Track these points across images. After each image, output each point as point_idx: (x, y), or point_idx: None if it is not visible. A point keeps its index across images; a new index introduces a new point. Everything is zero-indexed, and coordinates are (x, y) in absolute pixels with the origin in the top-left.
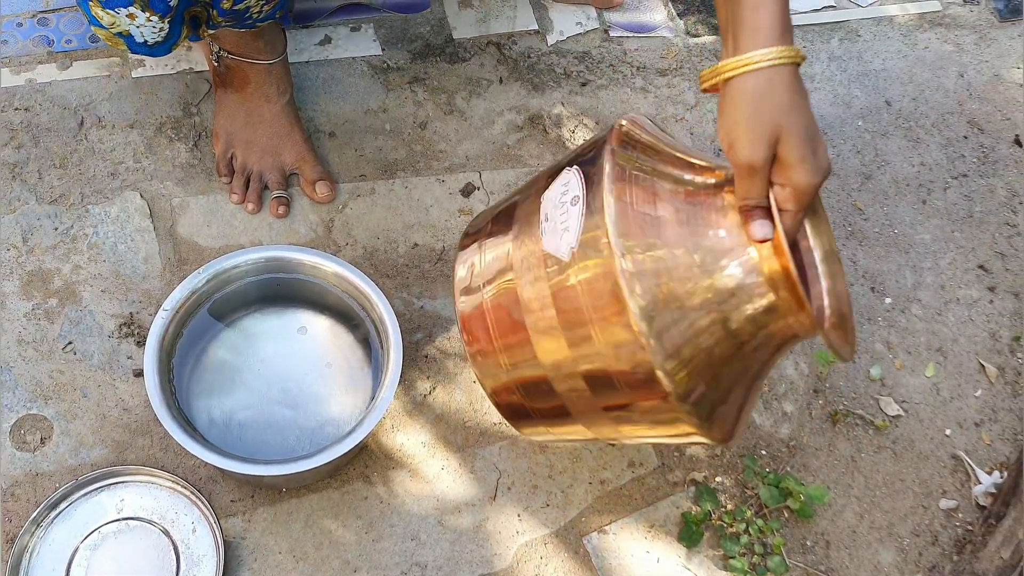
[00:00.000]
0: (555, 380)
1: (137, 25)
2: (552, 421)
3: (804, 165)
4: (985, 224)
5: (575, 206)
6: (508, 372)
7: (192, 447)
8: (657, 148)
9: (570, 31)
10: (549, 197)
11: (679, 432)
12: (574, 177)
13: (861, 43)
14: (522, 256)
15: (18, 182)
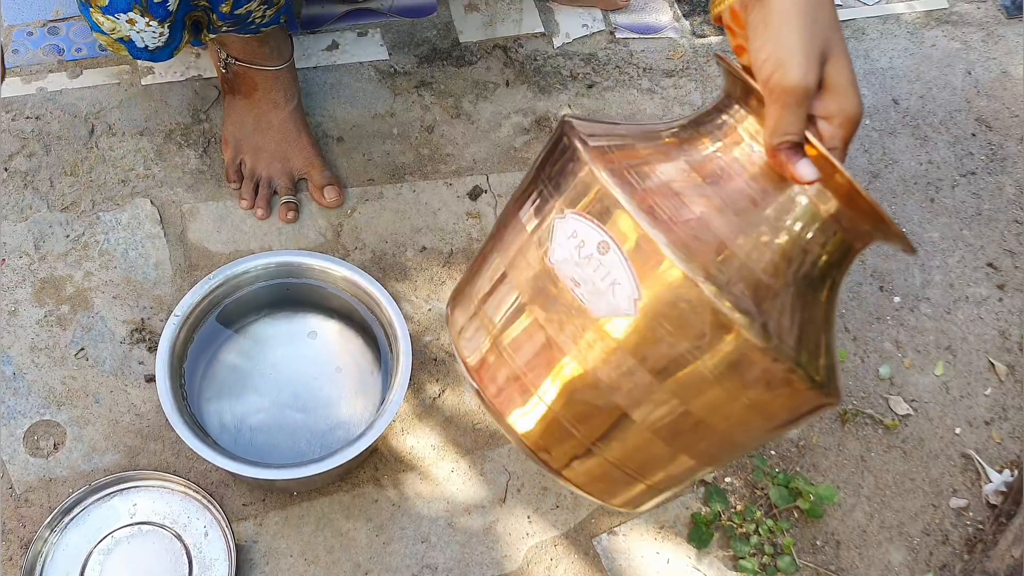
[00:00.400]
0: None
1: (138, 31)
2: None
3: (855, 89)
4: (994, 222)
5: (607, 254)
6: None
7: (204, 451)
8: (628, 141)
9: (576, 33)
10: (561, 260)
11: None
12: (579, 226)
13: (868, 41)
14: (572, 336)
15: (30, 190)
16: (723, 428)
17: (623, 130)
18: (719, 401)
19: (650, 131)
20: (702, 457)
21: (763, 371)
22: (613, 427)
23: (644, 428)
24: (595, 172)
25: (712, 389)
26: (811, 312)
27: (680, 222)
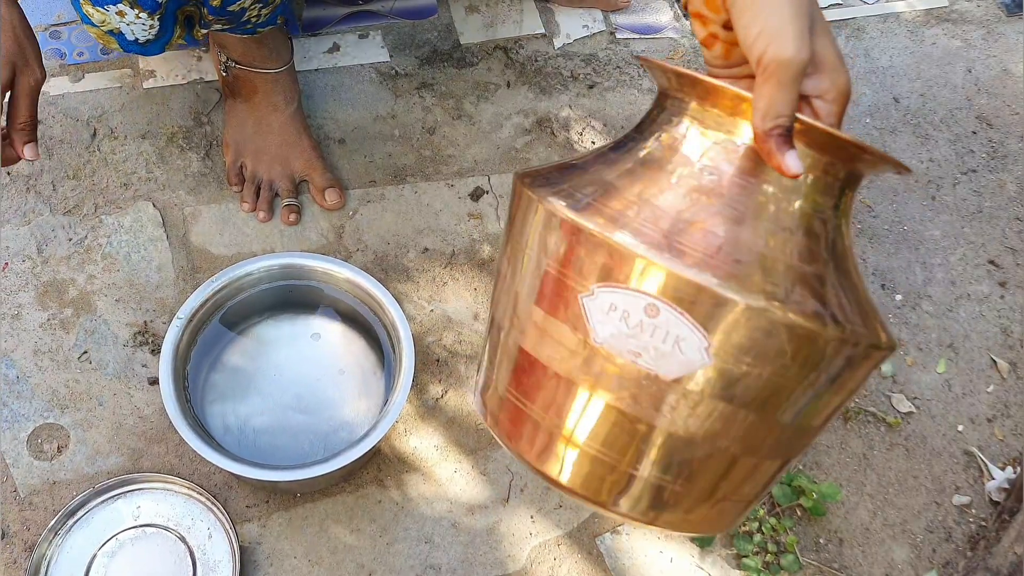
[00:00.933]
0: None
1: (127, 23)
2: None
3: (843, 63)
4: (995, 219)
5: (658, 316)
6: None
7: (207, 453)
8: (603, 185)
9: (577, 34)
10: (610, 336)
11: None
12: (611, 297)
13: (868, 40)
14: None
15: (32, 194)
16: (817, 425)
17: (584, 172)
18: (814, 404)
19: (613, 162)
20: (793, 455)
21: (847, 359)
22: (725, 470)
23: (748, 458)
24: (604, 236)
25: (806, 397)
26: (850, 277)
27: (713, 251)
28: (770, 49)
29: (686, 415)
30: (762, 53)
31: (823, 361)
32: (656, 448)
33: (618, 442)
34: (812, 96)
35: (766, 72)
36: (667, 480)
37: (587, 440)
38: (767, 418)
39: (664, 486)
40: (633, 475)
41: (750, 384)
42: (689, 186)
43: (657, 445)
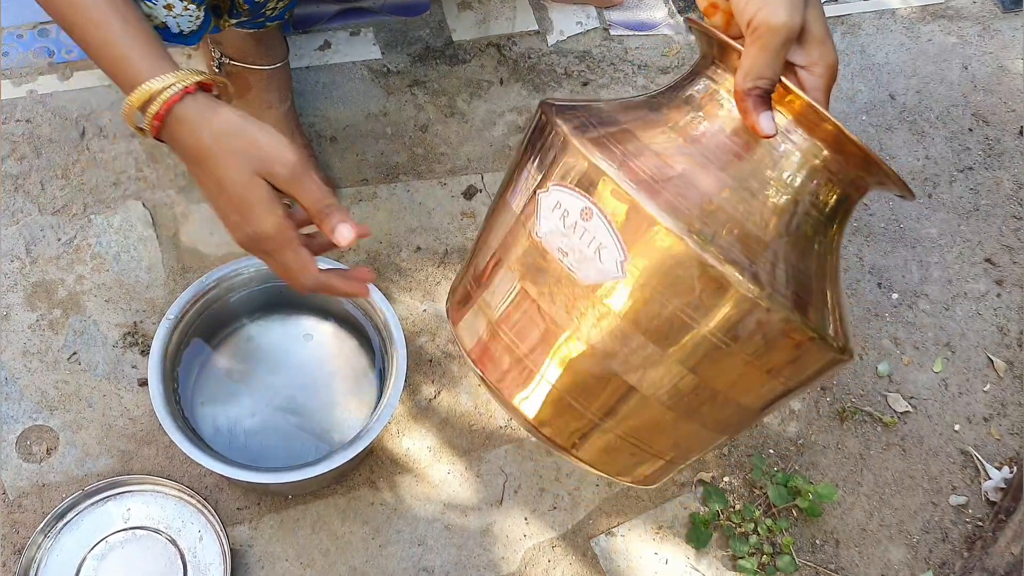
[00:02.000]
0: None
1: (175, 15)
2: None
3: (831, 39)
4: (992, 217)
5: (590, 220)
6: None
7: (197, 456)
8: (606, 113)
9: (570, 31)
10: (549, 232)
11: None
12: (562, 196)
13: (864, 37)
14: (564, 307)
15: (21, 193)
16: (728, 390)
17: (602, 105)
18: (719, 361)
19: (629, 102)
20: (713, 424)
21: (758, 323)
22: (617, 399)
23: (647, 396)
24: (573, 141)
25: (710, 348)
26: (809, 263)
27: (662, 180)
28: (760, 13)
29: (590, 325)
30: (753, 16)
31: (732, 316)
32: (561, 353)
33: (531, 337)
34: (799, 66)
35: (755, 34)
36: (567, 390)
37: (505, 328)
38: (667, 358)
39: (564, 396)
40: (541, 377)
41: (655, 312)
42: (677, 131)
43: (562, 350)
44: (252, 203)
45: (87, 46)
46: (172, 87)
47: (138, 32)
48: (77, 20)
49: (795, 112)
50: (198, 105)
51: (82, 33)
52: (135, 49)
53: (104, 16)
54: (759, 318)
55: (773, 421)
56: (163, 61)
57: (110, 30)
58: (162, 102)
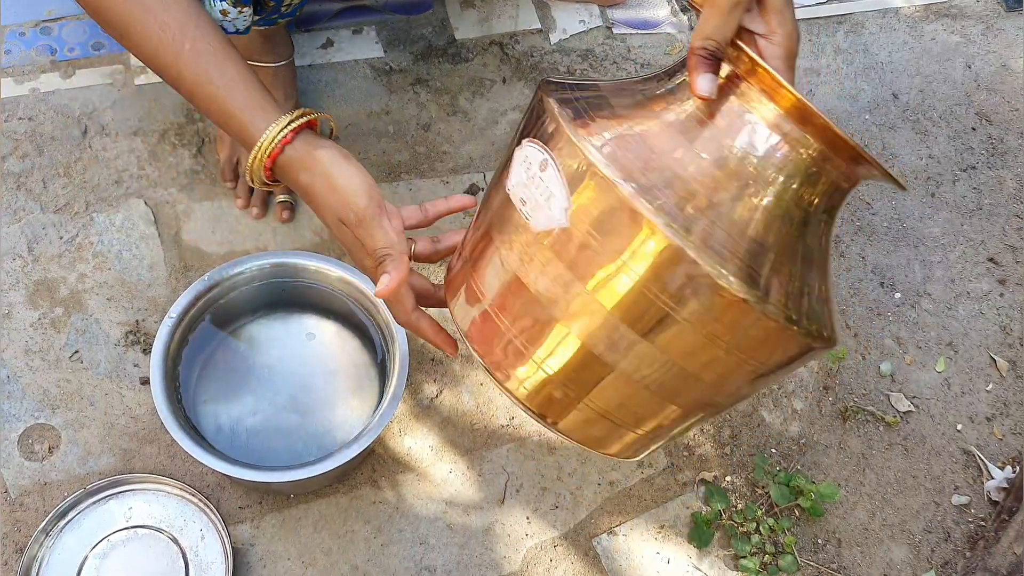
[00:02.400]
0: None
1: (231, 20)
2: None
3: (791, 9)
4: (995, 216)
5: (546, 171)
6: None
7: (199, 455)
8: (589, 81)
9: (573, 29)
10: (514, 184)
11: (780, 348)
12: (529, 150)
13: (867, 35)
14: (519, 253)
15: (23, 192)
16: (681, 358)
17: (598, 80)
18: (661, 327)
19: (626, 79)
20: (671, 395)
21: (693, 287)
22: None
23: (589, 350)
24: (547, 102)
25: (648, 308)
26: (768, 234)
27: (616, 136)
28: None
29: (537, 272)
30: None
31: (662, 270)
32: (513, 299)
33: (492, 285)
34: (758, 35)
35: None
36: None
37: (475, 276)
38: (605, 311)
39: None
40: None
41: (591, 259)
42: (650, 100)
43: (513, 296)
44: (344, 244)
45: (191, 96)
46: (275, 139)
47: (236, 81)
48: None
49: (751, 77)
50: (297, 152)
51: (188, 89)
52: (239, 104)
53: (206, 74)
54: (688, 273)
55: (775, 420)
56: (265, 110)
57: (211, 86)
58: (267, 154)
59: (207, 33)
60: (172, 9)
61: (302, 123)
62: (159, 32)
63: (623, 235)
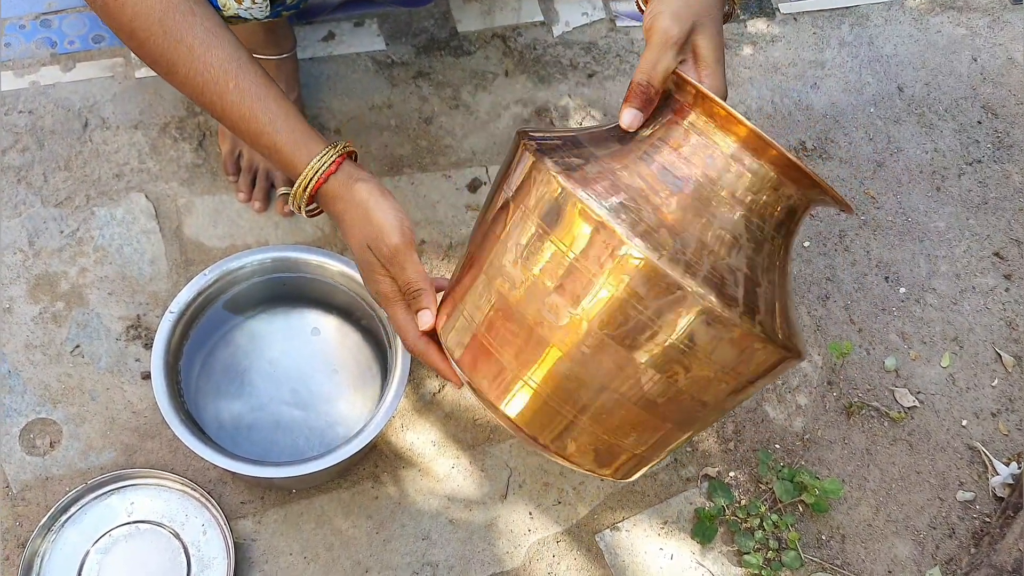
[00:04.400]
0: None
1: (246, 8)
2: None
3: (720, 67)
4: (1000, 211)
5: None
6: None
7: (201, 450)
8: (562, 131)
9: (576, 22)
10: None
11: (756, 363)
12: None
13: (872, 28)
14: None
15: (23, 185)
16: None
17: (569, 130)
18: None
19: (594, 127)
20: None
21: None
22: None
23: (566, 357)
24: (525, 142)
25: (626, 321)
26: (734, 254)
27: (594, 172)
28: (653, 22)
29: (521, 295)
30: (648, 26)
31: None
32: (500, 324)
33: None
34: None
35: (647, 39)
36: (507, 362)
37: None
38: (589, 329)
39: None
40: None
41: (575, 282)
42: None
43: (500, 321)
44: (364, 268)
45: (234, 130)
46: (319, 171)
47: (279, 117)
48: (222, 114)
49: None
50: (338, 183)
51: (232, 124)
52: (283, 137)
53: (250, 111)
54: (646, 274)
55: (779, 416)
56: (308, 144)
57: (255, 121)
58: (311, 185)
59: (249, 72)
60: (215, 51)
61: (343, 155)
62: (203, 73)
63: (602, 258)
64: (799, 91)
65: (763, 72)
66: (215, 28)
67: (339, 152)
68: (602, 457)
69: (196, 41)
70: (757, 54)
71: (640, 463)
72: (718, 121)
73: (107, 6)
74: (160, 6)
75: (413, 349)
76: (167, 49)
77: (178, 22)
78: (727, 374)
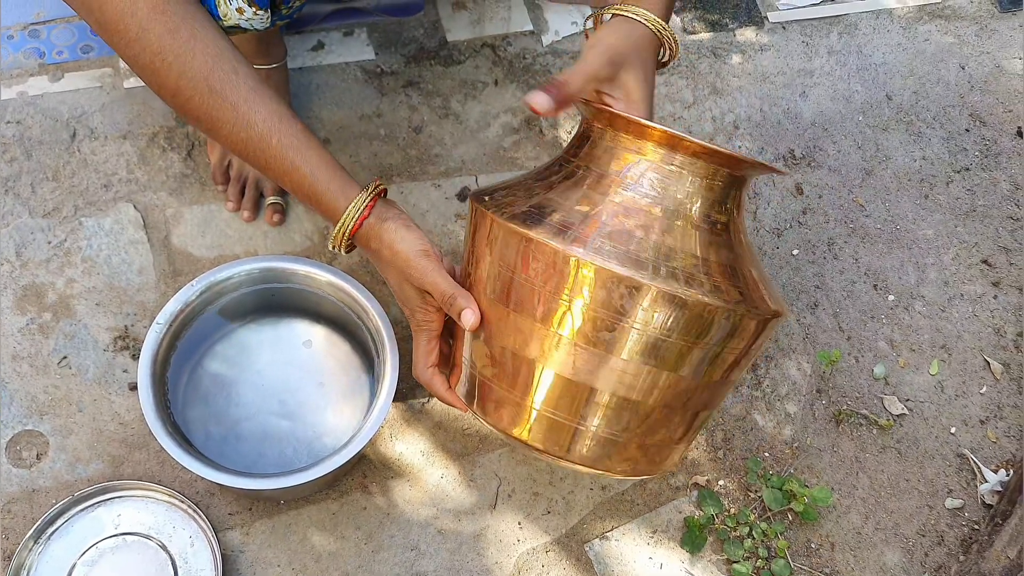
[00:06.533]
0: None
1: (247, 19)
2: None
3: (646, 104)
4: (988, 218)
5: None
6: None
7: (188, 462)
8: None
9: (565, 31)
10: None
11: (742, 332)
12: None
13: (860, 37)
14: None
15: (11, 196)
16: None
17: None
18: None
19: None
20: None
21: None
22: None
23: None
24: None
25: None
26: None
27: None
28: (588, 51)
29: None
30: (585, 52)
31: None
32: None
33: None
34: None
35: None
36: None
37: (458, 352)
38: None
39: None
40: (491, 388)
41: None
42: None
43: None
44: (402, 301)
45: (277, 179)
46: (355, 218)
47: (319, 167)
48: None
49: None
50: (370, 227)
51: (276, 175)
52: (322, 187)
53: (292, 163)
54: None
55: (768, 424)
56: (345, 190)
57: (297, 173)
58: (350, 229)
59: (290, 125)
60: (258, 108)
61: (375, 197)
62: (247, 129)
63: (554, 274)
64: (788, 100)
65: (752, 81)
66: (257, 86)
67: (371, 195)
68: (618, 455)
69: (240, 99)
70: (746, 63)
71: (663, 454)
72: (635, 131)
73: (154, 68)
74: (205, 68)
75: (419, 377)
76: (212, 107)
77: (223, 82)
78: (719, 348)
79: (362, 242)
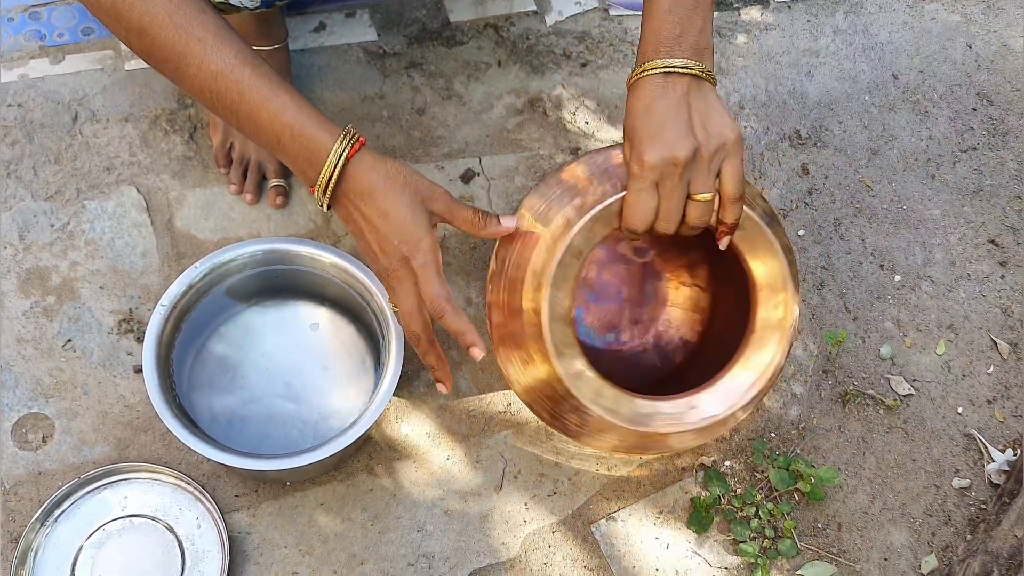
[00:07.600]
0: None
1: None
2: None
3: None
4: (995, 198)
5: None
6: None
7: (193, 443)
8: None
9: (569, 11)
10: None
11: None
12: None
13: (866, 15)
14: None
15: (13, 179)
16: None
17: None
18: None
19: None
20: None
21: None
22: None
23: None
24: None
25: None
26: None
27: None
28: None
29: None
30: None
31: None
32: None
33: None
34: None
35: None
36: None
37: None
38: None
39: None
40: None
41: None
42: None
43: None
44: (417, 224)
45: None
46: (349, 144)
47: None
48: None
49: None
50: (370, 156)
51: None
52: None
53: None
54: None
55: (775, 405)
56: (329, 124)
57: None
58: (347, 153)
59: (262, 63)
60: (227, 45)
61: (362, 137)
62: (217, 62)
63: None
64: (793, 79)
65: (757, 60)
66: (224, 26)
67: (355, 134)
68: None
69: (209, 35)
70: (751, 42)
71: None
72: None
73: (116, 9)
74: (171, 5)
75: (416, 326)
76: (178, 42)
77: (189, 18)
78: None
79: (362, 172)
